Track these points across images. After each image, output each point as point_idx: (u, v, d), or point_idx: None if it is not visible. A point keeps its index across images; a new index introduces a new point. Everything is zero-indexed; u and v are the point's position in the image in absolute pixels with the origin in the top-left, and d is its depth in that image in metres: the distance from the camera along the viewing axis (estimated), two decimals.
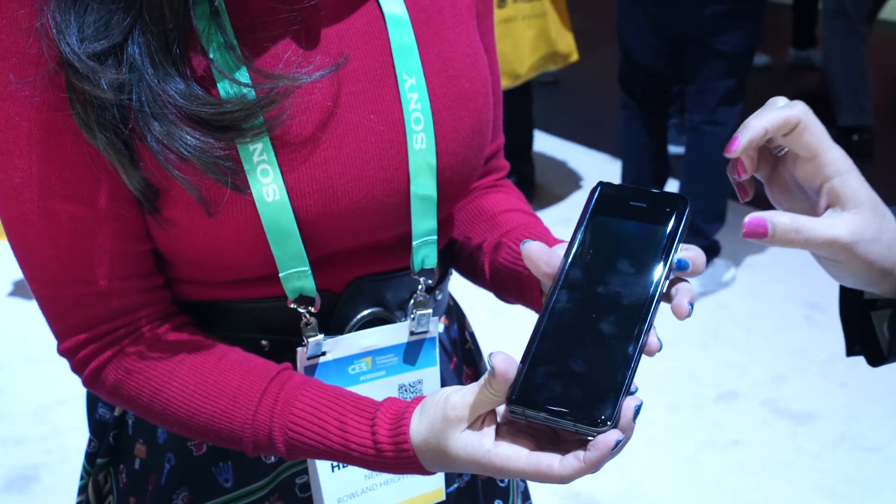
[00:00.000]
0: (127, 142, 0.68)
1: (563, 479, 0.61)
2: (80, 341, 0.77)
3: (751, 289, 3.25)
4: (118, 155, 0.68)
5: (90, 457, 0.94)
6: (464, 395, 0.65)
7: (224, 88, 0.69)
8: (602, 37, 4.95)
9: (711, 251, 3.27)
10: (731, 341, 2.96)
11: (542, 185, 4.12)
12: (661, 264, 0.64)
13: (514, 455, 0.63)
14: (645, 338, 0.62)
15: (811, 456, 2.45)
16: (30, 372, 2.76)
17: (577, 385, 0.61)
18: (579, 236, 0.67)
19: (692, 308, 0.64)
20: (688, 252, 0.65)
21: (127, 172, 0.69)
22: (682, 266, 0.65)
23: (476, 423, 0.65)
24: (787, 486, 2.35)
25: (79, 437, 2.51)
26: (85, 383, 0.79)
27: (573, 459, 0.60)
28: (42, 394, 2.65)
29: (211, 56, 0.69)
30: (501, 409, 0.66)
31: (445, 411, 0.65)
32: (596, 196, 0.69)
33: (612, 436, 0.59)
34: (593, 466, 0.60)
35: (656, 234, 0.66)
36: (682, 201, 0.67)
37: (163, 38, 0.67)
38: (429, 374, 0.88)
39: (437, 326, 0.88)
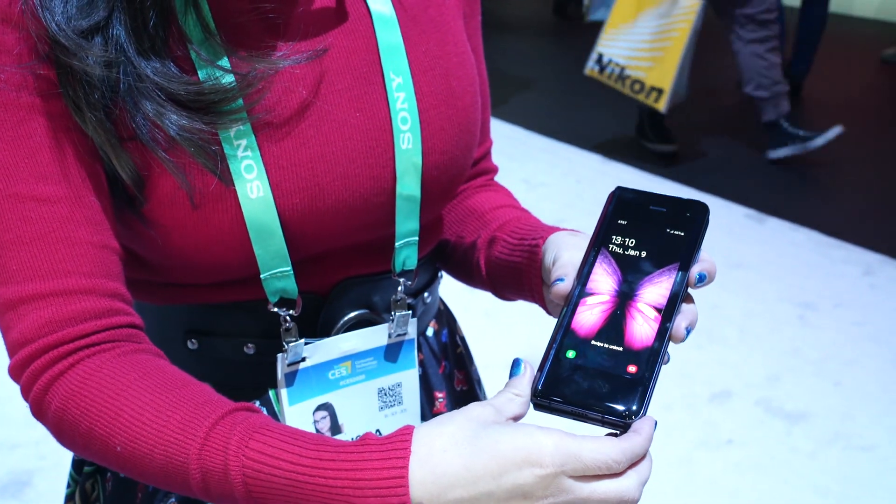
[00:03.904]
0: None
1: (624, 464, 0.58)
2: (33, 350, 0.68)
3: (744, 288, 3.25)
4: (107, 135, 0.67)
5: (77, 464, 0.94)
6: (483, 405, 0.61)
7: (203, 73, 0.70)
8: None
9: None
10: (725, 341, 2.96)
11: (538, 185, 4.12)
12: (683, 267, 0.66)
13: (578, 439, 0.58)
14: (668, 337, 0.64)
15: (805, 455, 2.46)
16: None
17: (602, 380, 0.61)
18: (599, 238, 0.68)
19: (688, 334, 0.65)
20: (705, 264, 0.67)
21: (116, 152, 0.68)
22: (700, 279, 0.66)
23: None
24: (782, 486, 2.35)
25: None
26: (33, 408, 0.70)
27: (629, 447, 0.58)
28: None
29: (190, 40, 0.70)
30: None
31: (468, 417, 0.60)
32: (615, 201, 0.70)
33: (647, 420, 0.59)
34: (644, 445, 0.58)
35: (677, 238, 0.67)
36: (701, 207, 0.69)
37: (141, 18, 0.67)
38: (407, 376, 0.88)
39: (415, 328, 0.88)
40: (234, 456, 0.62)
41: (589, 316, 0.65)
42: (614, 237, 0.68)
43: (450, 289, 0.98)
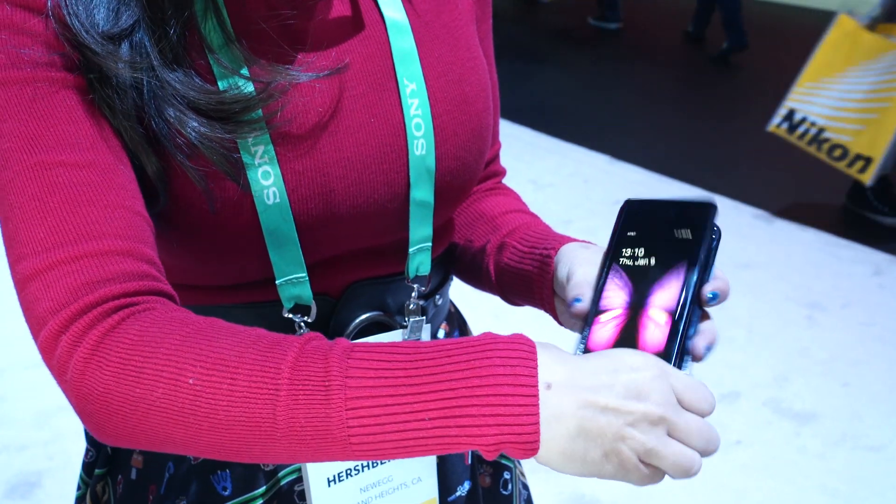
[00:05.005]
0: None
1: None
2: (73, 312, 0.60)
3: (751, 289, 3.25)
4: (140, 137, 0.68)
5: (87, 466, 0.94)
6: None
7: (223, 81, 0.70)
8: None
9: None
10: (733, 342, 2.96)
11: (544, 186, 4.12)
12: (696, 271, 0.66)
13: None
14: (679, 340, 0.64)
15: (814, 456, 2.45)
16: (31, 377, 2.76)
17: None
18: (612, 254, 0.69)
19: (707, 353, 0.66)
20: (717, 283, 0.68)
21: (146, 153, 0.69)
22: (713, 297, 0.67)
23: None
24: (790, 486, 2.35)
25: (80, 442, 2.51)
26: (75, 378, 0.60)
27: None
28: (43, 399, 2.65)
29: (210, 48, 0.70)
30: None
31: None
32: (625, 214, 0.71)
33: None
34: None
35: (688, 242, 0.68)
36: (708, 207, 0.69)
37: (164, 30, 0.68)
38: None
39: (429, 333, 0.88)
40: (337, 356, 0.58)
41: (605, 333, 0.66)
42: (626, 251, 0.69)
43: (458, 290, 0.98)
